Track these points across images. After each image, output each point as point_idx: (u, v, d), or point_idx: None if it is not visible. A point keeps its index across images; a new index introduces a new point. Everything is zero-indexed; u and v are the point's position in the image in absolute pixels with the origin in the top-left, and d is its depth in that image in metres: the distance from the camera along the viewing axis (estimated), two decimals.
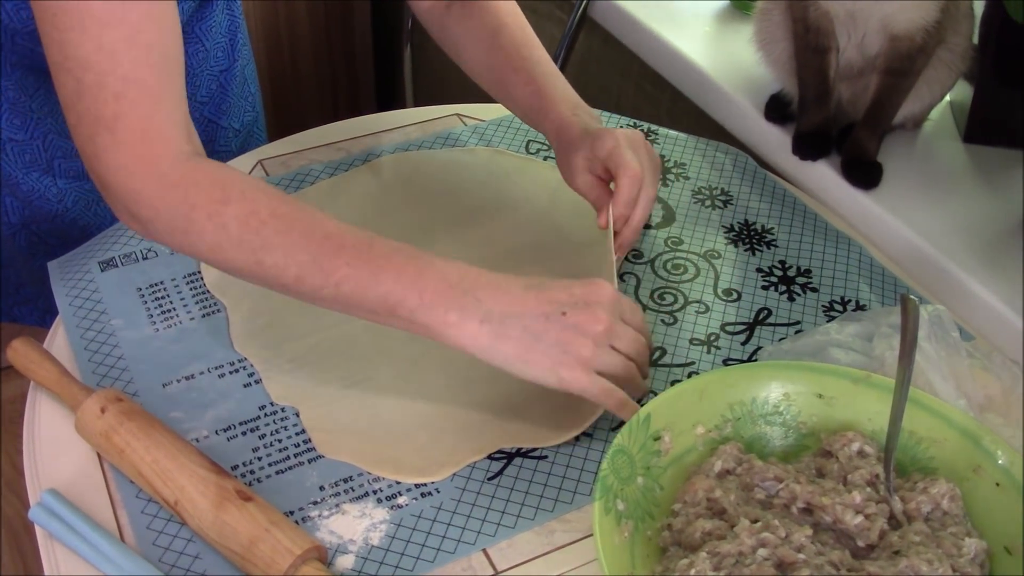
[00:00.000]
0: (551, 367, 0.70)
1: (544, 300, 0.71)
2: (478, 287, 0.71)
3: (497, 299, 0.70)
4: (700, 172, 1.06)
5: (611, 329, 0.71)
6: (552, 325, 0.70)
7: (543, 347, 0.70)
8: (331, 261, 0.70)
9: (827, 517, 0.65)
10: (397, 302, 0.70)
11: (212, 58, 1.09)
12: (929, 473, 0.69)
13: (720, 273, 0.93)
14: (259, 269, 0.71)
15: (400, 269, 0.70)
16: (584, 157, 0.87)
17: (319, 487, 0.73)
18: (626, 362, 0.72)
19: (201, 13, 1.06)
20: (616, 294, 0.73)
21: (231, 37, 1.12)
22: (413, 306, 0.70)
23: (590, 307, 0.71)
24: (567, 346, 0.70)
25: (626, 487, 0.66)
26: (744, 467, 0.70)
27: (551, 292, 0.71)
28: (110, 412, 0.72)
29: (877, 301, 0.91)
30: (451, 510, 0.72)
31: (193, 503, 0.68)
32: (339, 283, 0.70)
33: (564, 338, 0.70)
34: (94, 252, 0.92)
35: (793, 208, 1.01)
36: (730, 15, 1.31)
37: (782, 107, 1.10)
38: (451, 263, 0.72)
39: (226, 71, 1.12)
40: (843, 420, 0.72)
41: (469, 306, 0.70)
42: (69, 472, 0.74)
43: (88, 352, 0.82)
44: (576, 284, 0.72)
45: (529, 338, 0.70)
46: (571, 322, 0.70)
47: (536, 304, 0.70)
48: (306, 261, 0.70)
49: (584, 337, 0.70)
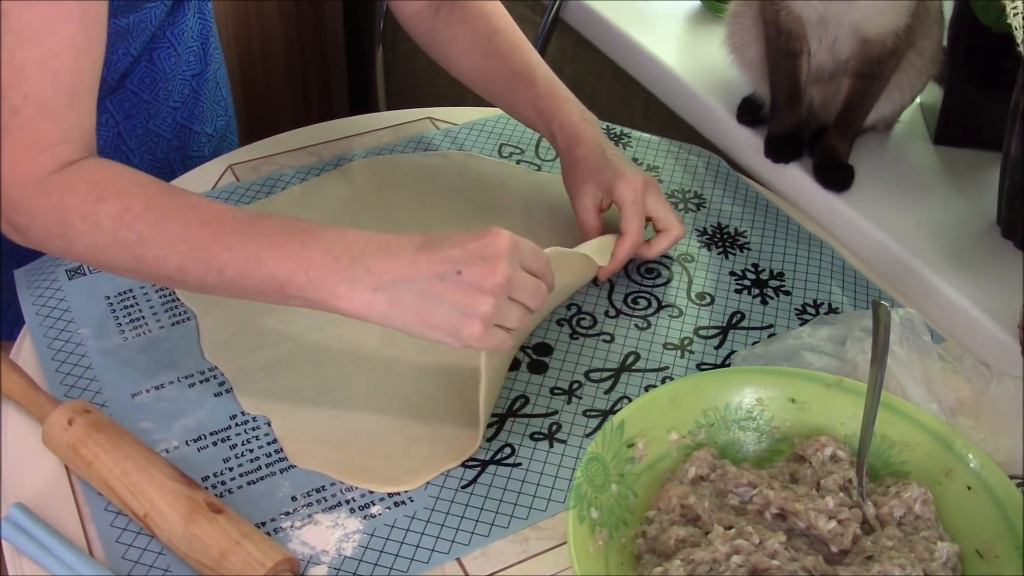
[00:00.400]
0: (451, 330, 0.68)
1: (437, 260, 0.68)
2: (366, 255, 0.68)
3: (388, 265, 0.68)
4: (673, 175, 1.06)
5: (510, 280, 0.68)
6: (448, 286, 0.67)
7: (442, 310, 0.68)
8: (210, 248, 0.69)
9: (800, 523, 0.65)
10: (284, 281, 0.68)
11: (184, 62, 1.08)
12: (901, 477, 0.70)
13: (693, 277, 0.93)
14: (139, 265, 0.70)
15: (283, 247, 0.68)
16: (596, 187, 0.88)
17: (291, 497, 0.72)
18: (525, 313, 0.71)
19: (173, 17, 1.05)
20: (513, 241, 0.69)
21: (203, 41, 1.11)
22: (301, 284, 0.68)
23: (486, 260, 0.68)
24: (466, 307, 0.67)
25: (600, 495, 0.66)
26: (718, 473, 0.70)
27: (445, 250, 0.68)
28: (78, 424, 0.72)
29: (849, 304, 0.91)
30: (425, 519, 0.71)
31: (163, 516, 0.67)
32: (222, 269, 0.69)
33: (461, 299, 0.67)
34: (62, 260, 0.91)
35: (766, 211, 1.01)
36: (702, 17, 1.31)
37: (754, 110, 1.11)
38: (337, 232, 0.69)
39: (198, 75, 1.11)
40: (816, 425, 0.73)
41: (358, 277, 0.68)
42: (36, 485, 0.72)
43: (55, 362, 0.81)
44: (470, 238, 0.69)
45: (426, 302, 0.68)
46: (467, 280, 0.67)
47: (429, 265, 0.68)
48: (185, 251, 0.69)
49: (482, 294, 0.67)
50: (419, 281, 0.68)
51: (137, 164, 1.09)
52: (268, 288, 0.69)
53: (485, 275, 0.68)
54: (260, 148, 1.08)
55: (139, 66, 1.04)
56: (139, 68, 1.04)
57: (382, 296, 0.68)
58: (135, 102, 1.05)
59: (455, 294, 0.68)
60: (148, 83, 1.05)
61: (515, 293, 0.69)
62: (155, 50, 1.05)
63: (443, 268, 0.68)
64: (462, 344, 0.69)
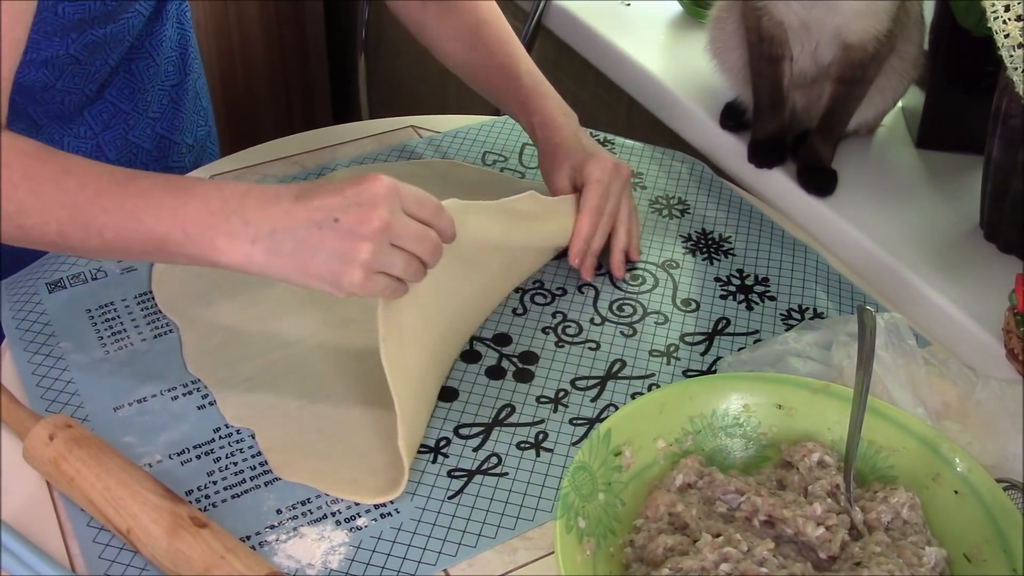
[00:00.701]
0: (332, 279, 0.68)
1: (314, 208, 0.67)
2: (244, 207, 0.68)
3: (265, 216, 0.67)
4: (657, 181, 1.06)
5: (389, 225, 0.67)
6: (326, 234, 0.67)
7: (321, 259, 0.67)
8: (88, 212, 0.68)
9: (789, 529, 0.65)
10: (163, 239, 0.68)
11: (163, 73, 1.08)
12: (889, 482, 0.70)
13: (679, 283, 0.93)
14: (22, 234, 0.70)
15: (159, 205, 0.68)
16: (570, 168, 0.90)
17: (276, 510, 0.72)
18: (409, 259, 0.70)
19: (151, 28, 1.05)
20: (394, 186, 0.68)
21: (182, 51, 1.10)
22: (180, 240, 0.68)
23: (363, 207, 0.67)
24: (345, 254, 0.67)
25: (587, 504, 0.66)
26: (705, 480, 0.69)
27: (322, 198, 0.67)
28: (59, 439, 0.71)
29: (834, 308, 0.91)
30: (411, 530, 0.71)
31: (146, 531, 0.66)
32: (101, 232, 0.69)
33: (340, 246, 0.67)
34: (41, 273, 0.90)
35: (750, 216, 1.01)
36: (684, 23, 1.31)
37: (737, 115, 1.11)
38: (214, 185, 0.69)
39: (177, 85, 1.10)
40: (803, 430, 0.72)
41: (236, 230, 0.67)
42: (17, 502, 0.72)
43: (36, 376, 0.80)
44: (348, 184, 0.68)
45: (305, 251, 0.67)
46: (345, 227, 0.67)
47: (306, 213, 0.67)
48: (64, 217, 0.69)
49: (361, 240, 0.67)
50: (296, 230, 0.67)
51: None
52: (150, 247, 0.69)
53: (362, 221, 0.67)
54: (242, 158, 1.07)
55: (117, 77, 1.03)
56: (118, 79, 1.03)
57: (261, 248, 0.67)
58: (114, 113, 1.04)
59: (333, 242, 0.67)
60: (127, 94, 1.05)
61: (397, 239, 0.68)
62: (134, 60, 1.04)
63: (320, 216, 0.67)
64: (344, 292, 0.68)
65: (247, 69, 2.13)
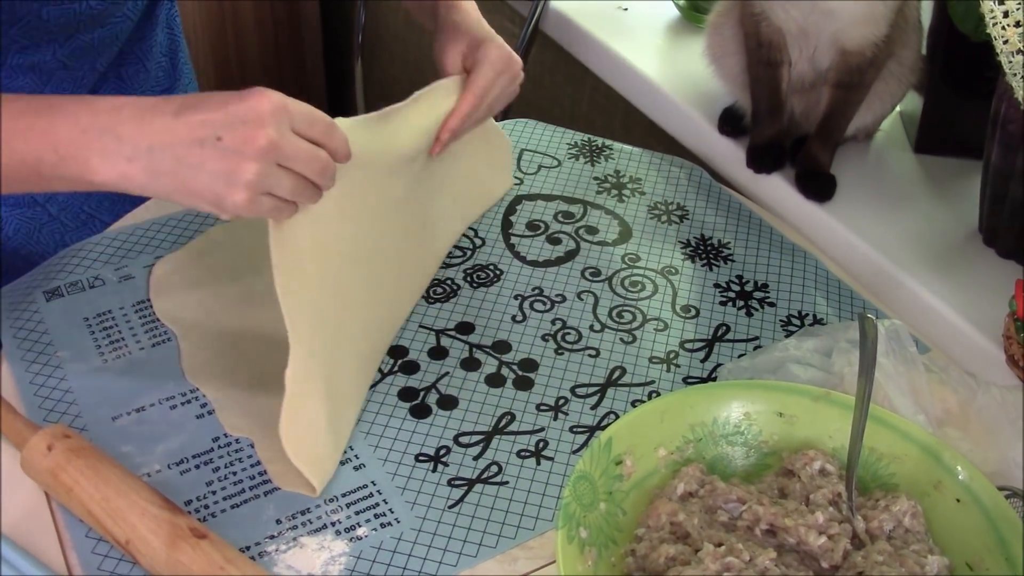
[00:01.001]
0: (215, 199, 0.65)
1: (196, 124, 0.64)
2: (119, 123, 0.64)
3: (142, 132, 0.64)
4: (656, 187, 1.06)
5: (275, 145, 0.65)
6: (208, 152, 0.64)
7: (204, 178, 0.64)
8: None
9: (791, 539, 0.65)
10: (36, 163, 0.65)
11: (153, 78, 1.07)
12: (890, 490, 0.69)
13: (678, 289, 0.93)
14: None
15: (29, 127, 0.65)
16: (465, 46, 0.88)
17: (276, 520, 0.71)
18: (297, 180, 0.67)
19: (141, 33, 1.04)
20: (282, 103, 0.65)
21: (172, 56, 1.10)
22: (53, 162, 0.65)
23: (248, 124, 0.64)
24: (228, 174, 0.64)
25: (589, 513, 0.66)
26: (707, 489, 0.69)
27: (204, 113, 0.64)
28: (57, 449, 0.70)
29: (834, 315, 0.91)
30: (411, 540, 0.71)
31: (145, 542, 0.66)
32: None
33: (223, 166, 0.64)
34: (39, 282, 0.90)
35: (749, 222, 1.01)
36: (682, 27, 1.31)
37: (735, 120, 1.11)
38: (84, 102, 0.65)
39: (168, 91, 1.09)
40: (804, 438, 0.72)
41: (110, 147, 0.64)
42: (15, 513, 0.71)
43: (34, 386, 0.80)
44: (233, 99, 0.65)
45: (186, 169, 0.64)
46: (228, 145, 0.64)
47: (187, 130, 0.64)
48: None
49: (244, 160, 0.64)
50: (176, 147, 0.64)
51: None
52: (26, 174, 0.66)
53: (247, 140, 0.64)
54: None
55: (107, 83, 1.03)
56: (107, 85, 1.03)
57: (139, 166, 0.64)
58: None
59: (216, 161, 0.64)
60: None
61: (285, 160, 0.66)
62: (123, 66, 1.03)
63: (202, 133, 0.64)
64: (229, 214, 0.66)
65: (243, 72, 2.13)
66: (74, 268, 0.91)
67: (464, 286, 0.92)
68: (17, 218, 1.00)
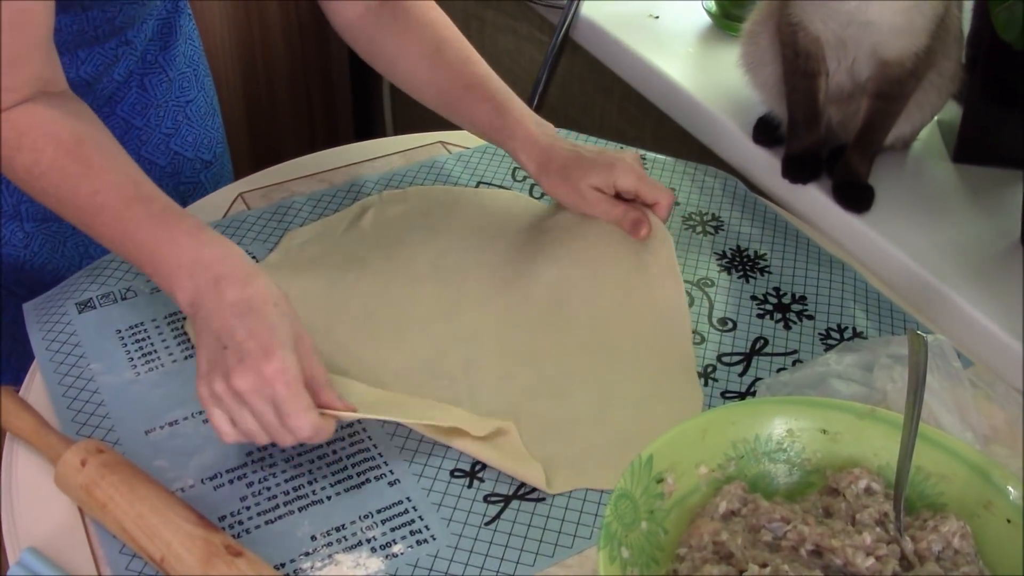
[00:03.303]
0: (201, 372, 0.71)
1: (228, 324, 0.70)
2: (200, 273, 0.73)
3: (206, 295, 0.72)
4: (690, 197, 1.04)
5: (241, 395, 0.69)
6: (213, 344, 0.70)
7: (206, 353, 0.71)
8: (90, 218, 0.76)
9: (837, 560, 0.63)
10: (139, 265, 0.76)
11: (177, 88, 1.07)
12: (938, 510, 0.68)
13: (714, 302, 0.91)
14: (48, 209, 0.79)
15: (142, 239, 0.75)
16: (599, 183, 0.90)
17: (311, 537, 0.71)
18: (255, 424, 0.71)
19: (164, 42, 1.04)
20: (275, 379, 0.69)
21: (194, 67, 1.10)
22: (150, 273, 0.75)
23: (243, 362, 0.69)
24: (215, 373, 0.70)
25: (630, 533, 0.64)
26: (750, 508, 0.68)
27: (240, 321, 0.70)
28: (91, 464, 0.70)
29: (874, 328, 0.89)
30: (448, 558, 0.70)
31: (180, 560, 0.65)
32: (98, 236, 0.77)
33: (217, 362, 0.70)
34: (71, 293, 0.89)
35: (785, 233, 1.00)
36: (714, 36, 1.29)
37: (770, 130, 1.09)
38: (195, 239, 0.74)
39: (192, 102, 1.09)
40: (849, 456, 0.71)
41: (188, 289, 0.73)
42: (49, 528, 0.71)
43: (66, 399, 0.80)
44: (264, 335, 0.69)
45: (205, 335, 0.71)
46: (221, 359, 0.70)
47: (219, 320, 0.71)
48: (72, 214, 0.77)
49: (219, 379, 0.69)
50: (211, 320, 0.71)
51: None
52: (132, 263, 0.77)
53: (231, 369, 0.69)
54: (269, 176, 1.06)
55: (131, 93, 1.03)
56: (131, 95, 1.03)
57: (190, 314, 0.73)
58: (127, 129, 1.04)
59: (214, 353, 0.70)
60: (139, 109, 1.04)
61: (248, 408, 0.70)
62: (147, 76, 1.04)
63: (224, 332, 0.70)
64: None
65: (269, 84, 2.13)
66: (106, 280, 0.91)
67: None
68: (42, 233, 1.00)
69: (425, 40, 0.93)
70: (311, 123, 2.23)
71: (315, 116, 2.23)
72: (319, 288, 0.90)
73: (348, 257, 0.94)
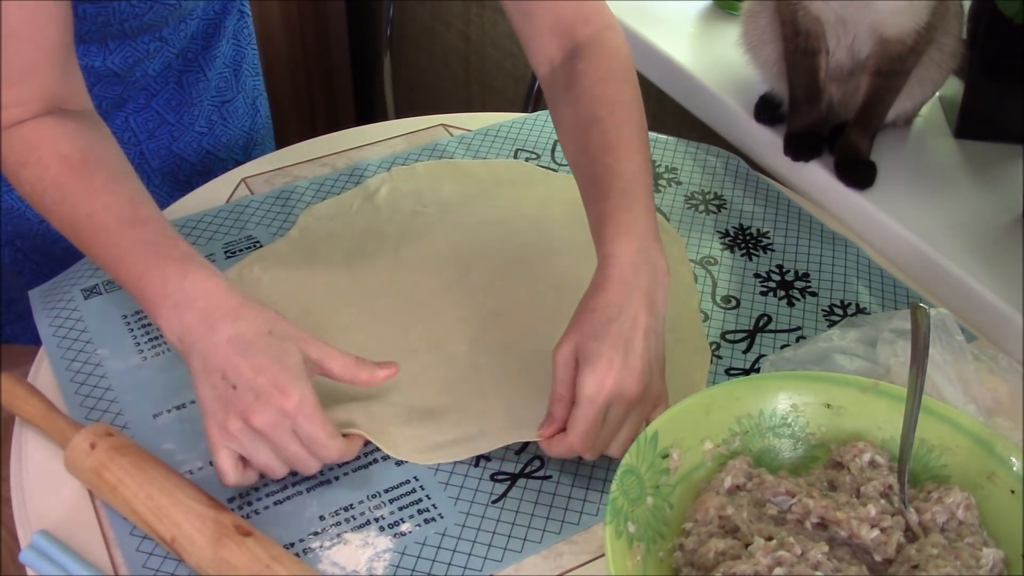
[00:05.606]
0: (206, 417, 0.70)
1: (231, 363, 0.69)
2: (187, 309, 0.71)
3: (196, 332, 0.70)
4: (692, 176, 1.05)
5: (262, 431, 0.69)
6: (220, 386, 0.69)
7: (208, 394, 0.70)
8: (86, 238, 0.75)
9: (842, 532, 0.64)
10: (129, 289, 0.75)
11: (214, 88, 1.07)
12: (942, 481, 0.68)
13: (717, 280, 0.92)
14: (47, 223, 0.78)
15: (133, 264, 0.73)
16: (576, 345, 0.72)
17: (319, 516, 0.71)
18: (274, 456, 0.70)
19: (206, 41, 1.04)
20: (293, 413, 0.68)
21: (235, 68, 1.09)
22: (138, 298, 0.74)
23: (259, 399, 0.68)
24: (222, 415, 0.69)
25: (636, 508, 0.65)
26: (755, 482, 0.68)
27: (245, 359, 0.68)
28: (100, 448, 0.70)
29: (877, 304, 0.89)
30: (456, 536, 0.70)
31: (191, 540, 0.66)
32: (94, 257, 0.76)
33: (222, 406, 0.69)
34: (76, 280, 0.90)
35: (788, 210, 1.00)
36: (714, 15, 1.29)
37: (772, 108, 1.09)
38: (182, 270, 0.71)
39: (228, 103, 1.09)
40: (853, 430, 0.71)
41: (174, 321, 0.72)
42: (60, 511, 0.71)
43: (74, 384, 0.80)
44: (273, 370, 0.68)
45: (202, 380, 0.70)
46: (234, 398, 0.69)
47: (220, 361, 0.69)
48: (70, 233, 0.76)
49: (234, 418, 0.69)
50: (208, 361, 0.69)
51: (158, 185, 1.08)
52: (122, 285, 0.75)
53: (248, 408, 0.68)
54: (272, 160, 1.07)
55: (167, 88, 1.03)
56: (167, 90, 1.03)
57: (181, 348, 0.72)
58: (159, 123, 1.04)
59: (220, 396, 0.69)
60: (174, 105, 1.04)
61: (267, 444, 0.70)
62: (185, 73, 1.04)
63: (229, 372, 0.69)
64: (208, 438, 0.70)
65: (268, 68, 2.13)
66: None
67: None
68: None
69: (579, 118, 0.83)
70: (312, 107, 2.23)
71: (316, 100, 2.23)
72: (339, 259, 0.92)
73: (365, 230, 0.96)
